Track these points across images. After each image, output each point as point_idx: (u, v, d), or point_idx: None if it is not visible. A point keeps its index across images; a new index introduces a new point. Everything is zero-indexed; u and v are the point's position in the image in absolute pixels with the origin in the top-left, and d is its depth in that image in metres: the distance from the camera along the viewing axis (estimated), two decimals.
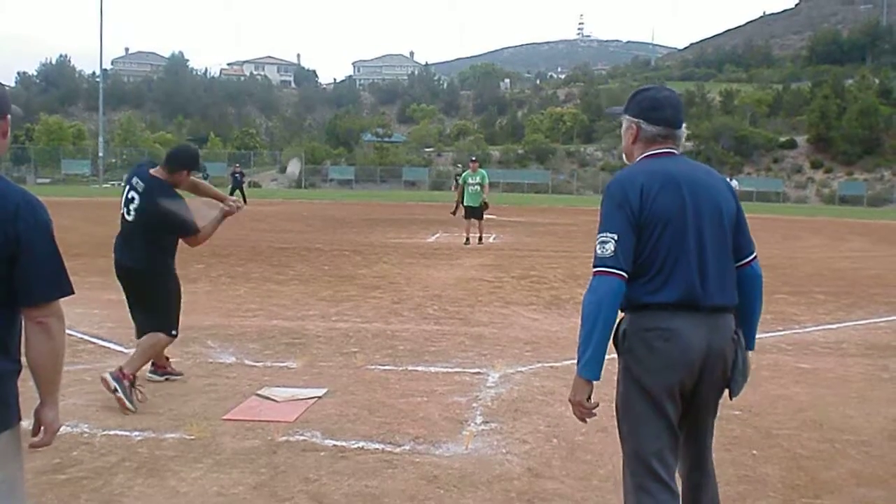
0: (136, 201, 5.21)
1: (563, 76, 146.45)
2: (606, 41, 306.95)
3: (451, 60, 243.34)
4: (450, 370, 6.05)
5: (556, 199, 51.24)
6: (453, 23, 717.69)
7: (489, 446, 4.35)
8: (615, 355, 2.78)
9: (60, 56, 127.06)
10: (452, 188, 17.07)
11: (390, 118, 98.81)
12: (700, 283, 2.67)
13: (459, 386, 5.59)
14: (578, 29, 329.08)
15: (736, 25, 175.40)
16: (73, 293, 2.42)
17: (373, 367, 6.11)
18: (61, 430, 3.46)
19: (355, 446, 4.31)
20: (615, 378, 2.81)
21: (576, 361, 2.79)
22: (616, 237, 2.66)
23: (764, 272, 2.86)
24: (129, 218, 5.28)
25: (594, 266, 2.70)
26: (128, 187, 5.30)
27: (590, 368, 2.78)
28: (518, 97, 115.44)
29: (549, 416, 4.90)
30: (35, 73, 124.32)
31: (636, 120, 2.87)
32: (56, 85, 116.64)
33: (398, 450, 4.27)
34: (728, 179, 3.06)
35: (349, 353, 6.55)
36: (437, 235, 19.40)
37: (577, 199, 54.38)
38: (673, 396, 2.72)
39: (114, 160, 70.99)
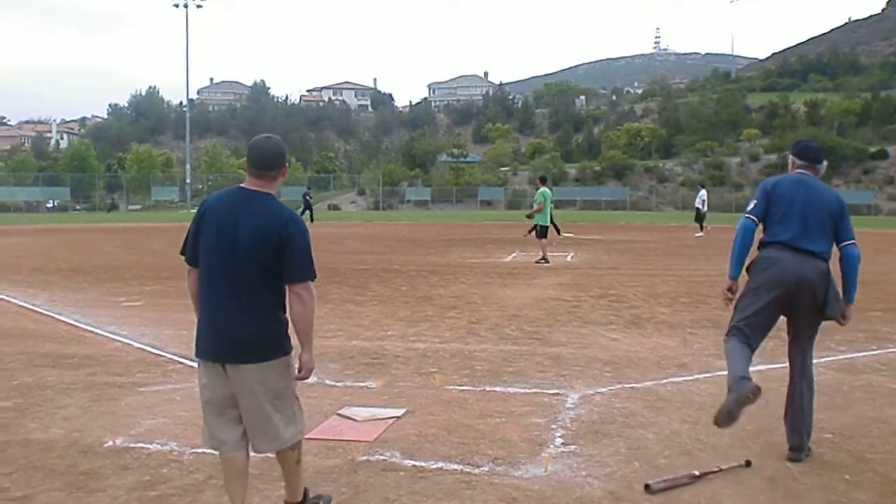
0: None
1: (639, 91, 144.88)
2: (684, 54, 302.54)
3: (526, 79, 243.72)
4: (528, 391, 6.01)
5: (634, 216, 50.47)
6: (527, 41, 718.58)
7: (569, 469, 4.30)
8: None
9: (150, 87, 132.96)
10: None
11: (465, 138, 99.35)
12: (800, 232, 4.52)
13: (538, 407, 5.54)
14: (655, 42, 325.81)
15: (820, 33, 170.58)
16: (315, 278, 3.48)
17: (451, 387, 6.12)
18: (152, 447, 4.04)
19: (434, 467, 4.32)
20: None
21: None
22: (756, 201, 4.75)
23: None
24: None
25: (744, 214, 4.76)
26: None
27: (730, 269, 4.66)
28: (594, 114, 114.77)
29: (631, 439, 4.81)
30: (126, 105, 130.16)
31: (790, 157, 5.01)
32: (146, 115, 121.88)
33: (477, 471, 4.26)
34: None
35: (427, 374, 6.58)
36: (514, 255, 19.35)
37: (657, 216, 53.47)
38: (770, 297, 4.48)
39: (200, 186, 73.37)
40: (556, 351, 7.56)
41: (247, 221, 3.40)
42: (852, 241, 4.65)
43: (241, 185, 3.56)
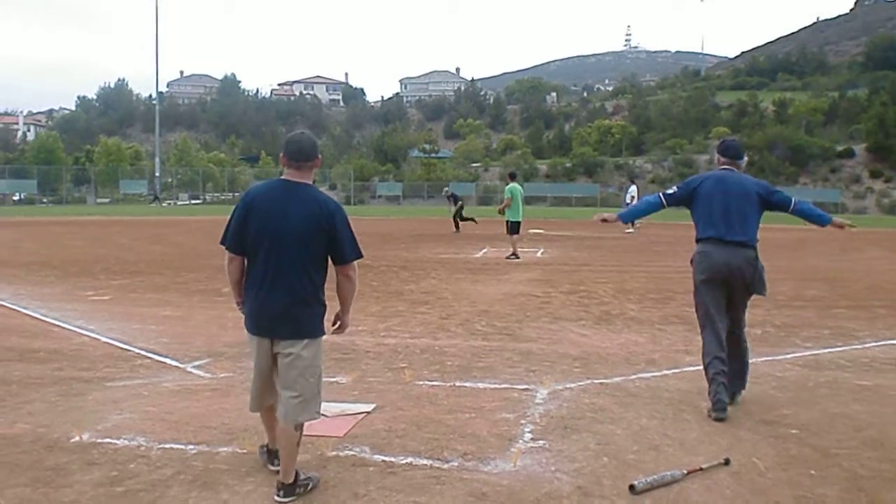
0: None
1: (610, 88, 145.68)
2: (655, 52, 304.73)
3: (498, 75, 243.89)
4: (498, 386, 6.03)
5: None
6: (499, 38, 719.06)
7: (538, 464, 4.33)
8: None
9: (118, 80, 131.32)
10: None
11: (437, 134, 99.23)
12: (724, 229, 5.38)
13: (508, 402, 5.57)
14: (626, 40, 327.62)
15: (789, 32, 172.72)
16: (363, 256, 4.00)
17: (421, 382, 6.13)
18: (119, 442, 4.07)
19: (404, 462, 4.32)
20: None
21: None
22: (676, 189, 5.71)
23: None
24: None
25: (661, 192, 5.78)
26: None
27: (622, 215, 6.14)
28: (565, 110, 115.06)
29: (600, 434, 4.85)
30: (94, 97, 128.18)
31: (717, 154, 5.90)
32: (114, 108, 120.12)
33: (447, 466, 4.27)
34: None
35: (398, 369, 6.58)
36: (485, 251, 19.39)
37: None
38: (711, 285, 5.42)
39: (169, 180, 72.57)
40: (525, 347, 7.60)
41: (296, 210, 3.78)
42: (792, 199, 5.63)
43: (283, 177, 3.90)
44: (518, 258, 16.73)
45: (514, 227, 17.21)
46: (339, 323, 4.16)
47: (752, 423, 5.14)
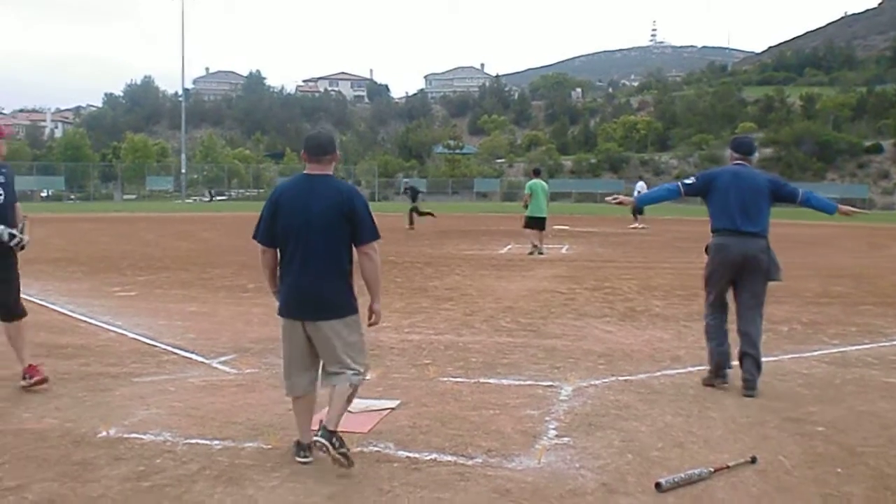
0: None
1: (636, 84, 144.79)
2: (680, 47, 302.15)
3: (522, 71, 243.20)
4: (522, 383, 6.02)
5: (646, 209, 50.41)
6: (524, 34, 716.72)
7: (562, 460, 4.31)
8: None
9: (145, 77, 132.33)
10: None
11: (461, 130, 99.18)
12: (740, 220, 5.77)
13: (532, 399, 5.56)
14: (651, 35, 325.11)
15: (816, 27, 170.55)
16: (380, 238, 4.29)
17: (445, 379, 6.13)
18: (146, 438, 4.13)
19: (428, 458, 4.33)
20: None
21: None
22: (695, 180, 6.12)
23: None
24: None
25: (680, 180, 6.19)
26: None
27: (639, 199, 6.98)
28: (590, 106, 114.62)
29: (624, 431, 4.83)
30: (121, 94, 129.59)
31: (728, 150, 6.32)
32: (141, 104, 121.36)
33: (471, 462, 4.27)
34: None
35: (422, 365, 6.59)
36: (510, 247, 19.35)
37: (652, 209, 53.47)
38: (724, 274, 5.86)
39: (195, 176, 73.17)
40: (550, 343, 7.57)
41: (319, 201, 4.16)
42: (800, 191, 6.06)
43: (305, 172, 4.29)
44: (542, 254, 16.69)
45: (532, 222, 17.11)
46: (372, 316, 4.39)
47: (778, 420, 5.09)
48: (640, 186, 28.49)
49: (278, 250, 4.27)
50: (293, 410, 4.39)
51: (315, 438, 4.09)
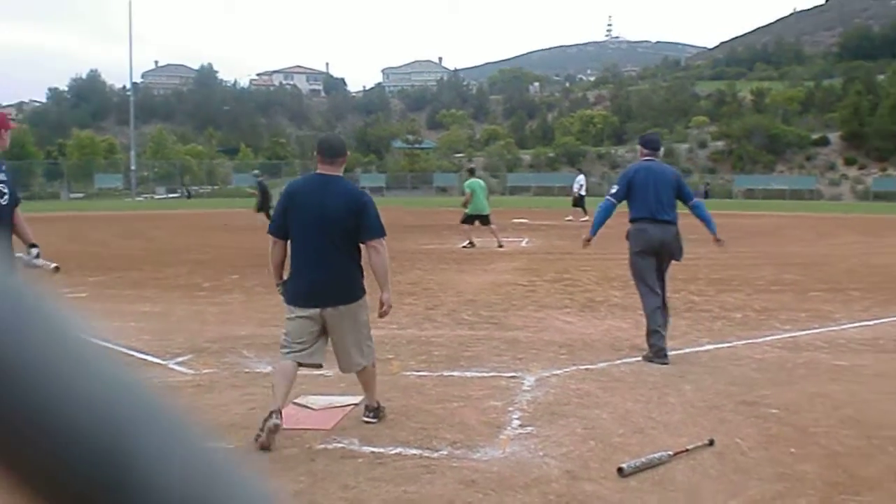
0: None
1: (592, 78, 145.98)
2: (636, 42, 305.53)
3: (480, 65, 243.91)
4: (485, 375, 6.06)
5: (587, 202, 50.87)
6: (481, 28, 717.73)
7: (526, 450, 4.36)
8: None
9: (91, 71, 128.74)
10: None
11: (420, 124, 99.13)
12: (656, 210, 6.54)
13: (495, 390, 5.60)
14: (607, 30, 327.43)
15: (766, 23, 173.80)
16: (386, 235, 4.81)
17: (408, 373, 6.14)
18: None
19: (393, 452, 4.34)
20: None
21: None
22: (618, 188, 6.81)
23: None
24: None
25: (607, 195, 6.92)
26: None
27: (591, 230, 7.09)
28: (548, 100, 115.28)
29: (586, 419, 4.89)
30: (66, 89, 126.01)
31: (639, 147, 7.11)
32: (87, 100, 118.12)
33: (436, 455, 4.29)
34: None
35: (385, 360, 6.56)
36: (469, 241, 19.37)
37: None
38: (645, 255, 6.61)
39: (146, 173, 71.82)
40: (512, 335, 7.63)
41: (332, 199, 4.58)
42: (693, 197, 6.92)
43: (318, 171, 4.74)
44: (502, 247, 16.78)
45: (472, 219, 17.13)
46: (383, 306, 4.84)
47: (733, 404, 5.21)
48: (581, 180, 28.84)
49: (292, 243, 4.68)
50: (275, 379, 4.58)
51: (366, 420, 4.79)
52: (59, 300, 0.39)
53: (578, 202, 28.08)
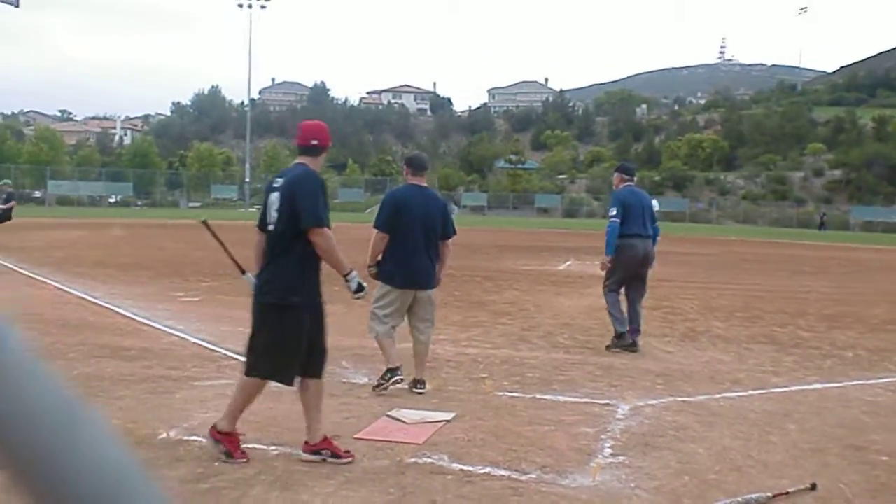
0: None
1: (702, 101, 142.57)
2: (750, 65, 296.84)
3: (586, 86, 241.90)
4: (578, 400, 5.98)
5: (693, 229, 49.64)
6: (588, 49, 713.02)
7: (617, 480, 4.27)
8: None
9: (212, 87, 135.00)
10: None
11: (524, 145, 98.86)
12: (642, 227, 8.01)
13: (588, 417, 5.51)
14: (720, 52, 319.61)
15: (890, 47, 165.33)
16: (456, 233, 6.44)
17: (501, 393, 6.12)
18: (205, 441, 4.16)
19: (482, 471, 4.32)
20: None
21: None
22: (617, 210, 7.98)
23: None
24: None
25: (611, 218, 8.07)
26: None
27: (607, 251, 8.05)
28: (655, 123, 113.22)
29: (681, 453, 4.75)
30: (189, 103, 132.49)
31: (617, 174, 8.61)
32: (208, 114, 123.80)
33: (524, 478, 4.25)
34: (652, 199, 8.98)
35: (478, 379, 6.59)
36: (569, 263, 19.23)
37: (717, 229, 52.56)
38: (629, 266, 8.08)
39: (259, 185, 74.46)
40: (607, 361, 7.50)
41: (431, 204, 6.11)
42: (655, 222, 8.38)
43: (413, 183, 6.16)
44: None
45: None
46: (437, 279, 6.20)
47: (840, 447, 4.95)
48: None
49: (395, 237, 5.93)
50: (382, 344, 6.02)
51: (416, 391, 5.94)
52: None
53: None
